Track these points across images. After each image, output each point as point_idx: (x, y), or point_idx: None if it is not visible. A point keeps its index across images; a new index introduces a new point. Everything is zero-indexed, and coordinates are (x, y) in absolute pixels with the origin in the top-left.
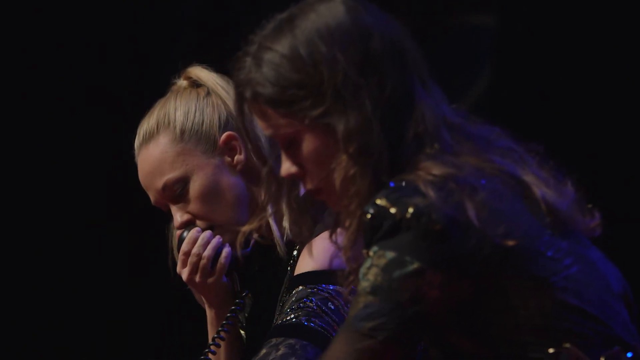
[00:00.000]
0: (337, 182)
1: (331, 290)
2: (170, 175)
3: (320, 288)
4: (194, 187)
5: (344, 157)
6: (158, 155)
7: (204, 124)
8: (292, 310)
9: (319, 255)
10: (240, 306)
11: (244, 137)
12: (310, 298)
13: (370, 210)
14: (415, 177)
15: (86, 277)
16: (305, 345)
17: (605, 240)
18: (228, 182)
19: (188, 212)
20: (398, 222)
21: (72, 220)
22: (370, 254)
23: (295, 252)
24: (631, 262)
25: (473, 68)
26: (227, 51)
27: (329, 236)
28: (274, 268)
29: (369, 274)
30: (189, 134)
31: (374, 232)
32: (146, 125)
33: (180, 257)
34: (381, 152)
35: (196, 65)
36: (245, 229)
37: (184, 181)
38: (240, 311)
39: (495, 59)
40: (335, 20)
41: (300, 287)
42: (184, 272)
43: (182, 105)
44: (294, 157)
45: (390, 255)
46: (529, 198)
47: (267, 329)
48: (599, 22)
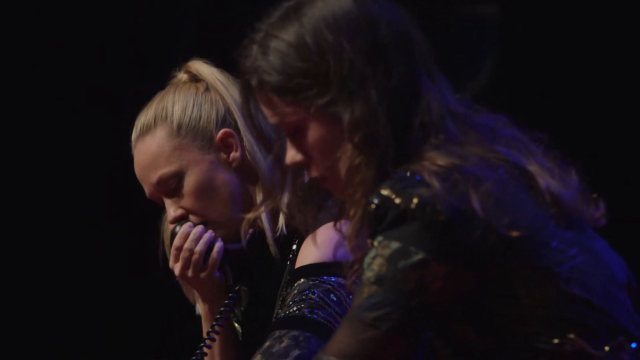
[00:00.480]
0: (342, 171)
1: (333, 282)
2: (166, 169)
3: (322, 280)
4: (189, 182)
5: (349, 147)
6: (154, 149)
7: (201, 119)
8: (294, 302)
9: (321, 247)
10: (233, 300)
11: (247, 127)
12: (312, 290)
13: (375, 201)
14: (420, 167)
15: (86, 277)
16: (308, 337)
17: (610, 229)
18: (223, 178)
19: (182, 207)
20: (403, 212)
21: (72, 220)
22: (375, 244)
23: (294, 246)
24: (636, 251)
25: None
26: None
27: (334, 224)
28: (271, 262)
29: (374, 264)
30: (186, 129)
31: (378, 222)
32: (144, 118)
33: (173, 252)
34: (386, 142)
35: (197, 60)
36: (250, 216)
37: (178, 176)
38: (234, 305)
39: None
40: (342, 9)
41: (302, 280)
42: (176, 267)
43: (181, 100)
44: (299, 145)
45: (394, 245)
46: (533, 188)
47: (264, 322)
48: (603, 10)
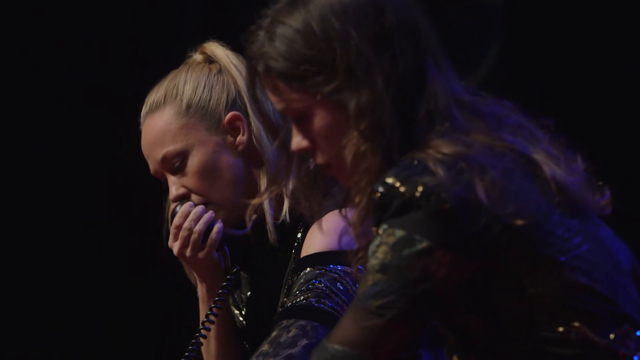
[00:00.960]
0: (348, 158)
1: (339, 270)
2: (171, 147)
3: (329, 269)
4: (193, 162)
5: (355, 134)
6: (161, 126)
7: (211, 100)
8: (301, 292)
9: (326, 235)
10: (231, 282)
11: (253, 112)
12: (319, 279)
13: (380, 189)
14: (425, 155)
15: (86, 276)
16: (316, 327)
17: (616, 217)
18: (227, 161)
19: (184, 187)
20: (407, 200)
21: (72, 220)
22: (380, 232)
23: (299, 234)
24: None
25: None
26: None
27: (339, 211)
28: (273, 249)
29: (378, 252)
30: (195, 109)
31: (383, 210)
32: (154, 95)
33: (172, 230)
34: (392, 129)
35: (213, 41)
36: (255, 201)
37: (183, 155)
38: (231, 287)
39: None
40: None
41: (309, 269)
42: (175, 245)
43: (192, 80)
44: (305, 132)
45: (399, 233)
46: (539, 177)
47: (267, 310)
48: None
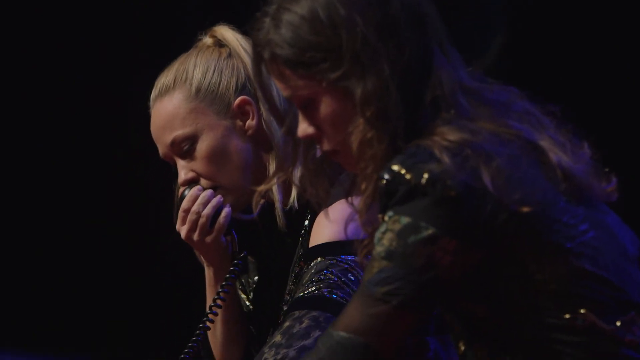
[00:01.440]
0: (354, 145)
1: (350, 261)
2: (180, 131)
3: (340, 259)
4: (202, 146)
5: (361, 121)
6: (171, 110)
7: (220, 84)
8: (312, 282)
9: (336, 224)
10: (238, 267)
11: (260, 98)
12: (330, 270)
13: (386, 176)
14: (431, 142)
15: (86, 276)
16: (328, 318)
17: (622, 204)
18: (237, 145)
19: (193, 171)
20: (413, 187)
21: (72, 220)
22: (386, 218)
23: (306, 221)
24: None
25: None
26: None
27: (345, 198)
28: (281, 234)
29: (384, 239)
30: (204, 93)
31: (389, 197)
32: (164, 78)
33: (180, 214)
34: (398, 116)
35: (223, 25)
36: (262, 188)
37: (192, 139)
38: (239, 272)
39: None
40: None
41: (319, 259)
42: (182, 229)
43: (202, 64)
44: (312, 119)
45: (405, 220)
46: (545, 164)
47: (274, 295)
48: None
